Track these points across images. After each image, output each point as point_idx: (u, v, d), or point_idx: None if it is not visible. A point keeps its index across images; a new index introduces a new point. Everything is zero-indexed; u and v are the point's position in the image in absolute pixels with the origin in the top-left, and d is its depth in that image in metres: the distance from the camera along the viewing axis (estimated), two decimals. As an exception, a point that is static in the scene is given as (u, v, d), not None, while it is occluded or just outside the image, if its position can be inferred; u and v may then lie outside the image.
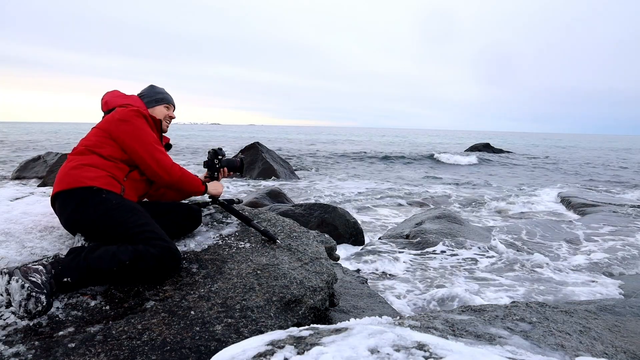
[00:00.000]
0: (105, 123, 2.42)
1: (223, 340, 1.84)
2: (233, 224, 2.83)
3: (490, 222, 9.11)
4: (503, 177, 18.78)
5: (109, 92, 2.65)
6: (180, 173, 2.47)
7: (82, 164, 2.27)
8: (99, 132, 2.41)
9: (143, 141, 2.37)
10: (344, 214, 6.79)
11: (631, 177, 18.56)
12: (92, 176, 2.23)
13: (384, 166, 21.97)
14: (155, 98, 2.68)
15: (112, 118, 2.41)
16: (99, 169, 2.28)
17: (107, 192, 2.23)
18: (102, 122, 2.46)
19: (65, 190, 2.22)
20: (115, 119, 2.39)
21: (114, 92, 2.64)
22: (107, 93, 2.64)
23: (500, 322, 2.04)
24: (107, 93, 2.64)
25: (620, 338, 2.17)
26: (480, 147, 31.98)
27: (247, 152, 15.38)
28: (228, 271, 2.30)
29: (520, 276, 5.10)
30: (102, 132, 2.39)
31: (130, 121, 2.37)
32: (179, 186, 2.50)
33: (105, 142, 2.36)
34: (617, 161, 28.12)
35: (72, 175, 2.23)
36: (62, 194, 2.23)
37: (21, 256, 2.26)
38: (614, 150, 43.55)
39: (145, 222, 2.20)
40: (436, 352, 1.33)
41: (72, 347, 1.73)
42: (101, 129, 2.41)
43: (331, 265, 2.63)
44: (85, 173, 2.23)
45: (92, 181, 2.21)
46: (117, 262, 2.03)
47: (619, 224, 8.06)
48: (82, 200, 2.19)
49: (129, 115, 2.38)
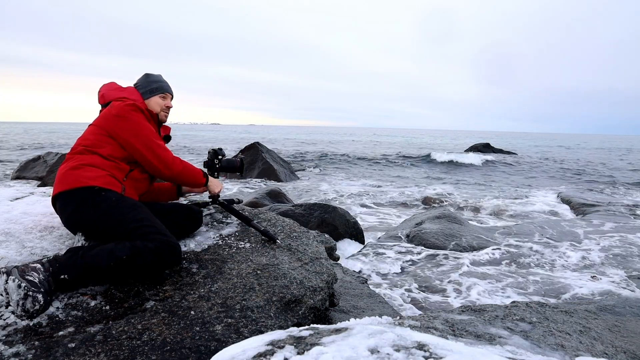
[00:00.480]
0: (101, 120, 2.39)
1: (223, 340, 1.84)
2: (233, 224, 2.83)
3: (491, 222, 9.11)
4: (503, 177, 18.77)
5: (105, 85, 2.61)
6: (182, 166, 2.46)
7: (82, 164, 2.26)
8: (96, 129, 2.38)
9: (141, 136, 2.34)
10: (344, 214, 6.79)
11: (632, 177, 18.55)
12: (93, 176, 2.22)
13: (384, 166, 21.97)
14: (150, 88, 2.60)
15: (108, 114, 2.38)
16: (99, 168, 2.27)
17: (108, 191, 2.22)
18: (98, 119, 2.43)
19: (66, 191, 2.21)
20: (112, 115, 2.36)
21: (110, 85, 2.60)
22: (103, 85, 2.61)
23: (500, 322, 2.04)
24: (103, 85, 2.61)
25: (620, 338, 2.17)
26: (480, 147, 31.97)
27: (247, 152, 15.38)
28: (228, 271, 2.30)
29: (521, 276, 5.10)
30: (100, 130, 2.37)
31: (126, 117, 2.34)
32: (180, 179, 2.50)
33: (104, 140, 2.34)
34: (617, 161, 28.12)
35: (73, 175, 2.22)
36: (62, 194, 2.22)
37: (21, 256, 2.26)
38: (615, 150, 43.56)
39: (144, 217, 2.19)
40: (436, 352, 1.33)
41: (72, 347, 1.73)
42: (98, 126, 2.39)
43: (331, 265, 2.63)
44: (85, 173, 2.22)
45: (92, 181, 2.20)
46: (115, 258, 2.02)
47: (619, 223, 8.06)
48: (82, 200, 2.18)
49: (124, 111, 2.35)
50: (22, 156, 19.88)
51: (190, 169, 2.51)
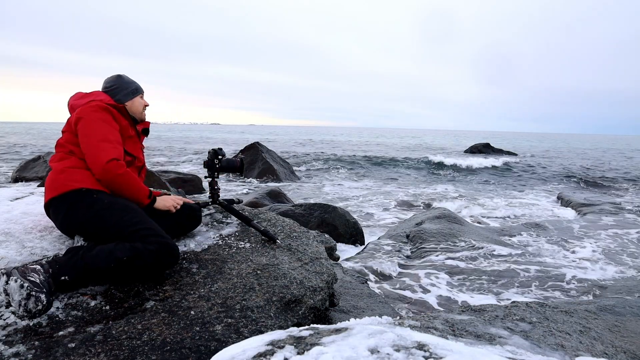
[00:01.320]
0: (68, 125, 2.38)
1: (223, 340, 1.84)
2: (233, 224, 2.83)
3: (490, 222, 9.12)
4: (504, 177, 18.77)
5: (72, 96, 2.58)
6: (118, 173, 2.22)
7: (66, 167, 2.26)
8: (67, 135, 2.37)
9: (88, 134, 2.26)
10: (344, 214, 6.79)
11: (632, 177, 18.54)
12: (79, 178, 2.22)
13: (384, 166, 21.97)
14: (131, 90, 2.57)
15: (73, 119, 2.35)
16: (84, 169, 2.27)
17: (98, 192, 2.22)
18: (66, 125, 2.41)
19: (56, 197, 2.22)
20: (74, 119, 2.34)
21: (76, 95, 2.57)
22: (70, 98, 2.58)
23: (500, 322, 2.04)
24: (70, 98, 2.58)
25: (620, 338, 2.17)
26: (480, 147, 31.97)
27: (247, 152, 15.39)
28: (228, 271, 2.30)
29: (521, 276, 5.10)
30: (69, 136, 2.36)
31: (83, 117, 2.31)
32: (113, 187, 2.26)
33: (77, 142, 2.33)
34: (619, 161, 28.12)
35: (60, 180, 2.22)
36: (54, 200, 2.23)
37: (21, 256, 2.26)
38: (616, 150, 43.56)
39: (140, 219, 2.19)
40: (436, 352, 1.33)
41: (72, 347, 1.73)
42: (68, 132, 2.37)
43: (331, 265, 2.63)
44: (71, 176, 2.23)
45: (79, 183, 2.21)
46: (115, 259, 2.02)
47: (619, 223, 8.06)
48: (72, 203, 2.19)
49: (84, 112, 2.32)
50: (22, 156, 19.89)
51: (128, 181, 2.28)
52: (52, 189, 2.24)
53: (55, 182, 2.23)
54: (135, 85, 2.60)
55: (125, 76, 2.62)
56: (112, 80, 2.57)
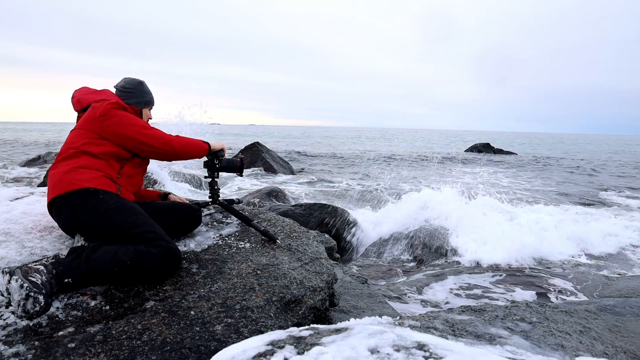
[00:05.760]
0: (86, 122, 2.38)
1: (223, 340, 1.84)
2: (233, 224, 2.83)
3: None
4: (504, 177, 18.76)
5: (78, 90, 2.60)
6: (183, 141, 2.49)
7: (74, 167, 2.24)
8: (83, 132, 2.37)
9: (133, 125, 2.36)
10: (343, 214, 6.79)
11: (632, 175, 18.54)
12: (87, 178, 2.21)
13: (384, 166, 21.95)
14: (145, 100, 2.65)
15: (92, 116, 2.36)
16: (93, 169, 2.26)
17: (104, 192, 2.21)
18: (83, 123, 2.40)
19: (61, 195, 2.19)
20: (98, 116, 2.34)
21: (84, 89, 2.59)
22: (76, 91, 2.59)
23: (500, 322, 2.04)
24: (76, 91, 2.59)
25: (620, 338, 2.17)
26: (480, 146, 31.97)
27: (247, 152, 15.40)
28: (228, 271, 2.30)
29: (521, 276, 5.09)
30: (86, 133, 2.36)
31: (111, 114, 2.34)
32: (184, 154, 2.50)
33: (94, 141, 2.33)
34: (619, 160, 28.09)
35: (67, 179, 2.20)
36: (58, 199, 2.21)
37: (21, 256, 2.26)
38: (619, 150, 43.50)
39: (144, 222, 2.19)
40: (436, 352, 1.33)
41: (72, 347, 1.73)
42: (84, 129, 2.37)
43: (331, 265, 2.62)
44: (79, 175, 2.21)
45: (87, 183, 2.19)
46: (118, 262, 2.02)
47: (619, 222, 8.06)
48: (79, 203, 2.17)
49: (108, 109, 2.35)
50: (22, 156, 19.88)
51: (189, 142, 2.53)
52: (58, 187, 2.21)
53: (62, 181, 2.21)
54: (150, 97, 2.68)
55: (146, 85, 2.70)
56: (132, 84, 2.63)
